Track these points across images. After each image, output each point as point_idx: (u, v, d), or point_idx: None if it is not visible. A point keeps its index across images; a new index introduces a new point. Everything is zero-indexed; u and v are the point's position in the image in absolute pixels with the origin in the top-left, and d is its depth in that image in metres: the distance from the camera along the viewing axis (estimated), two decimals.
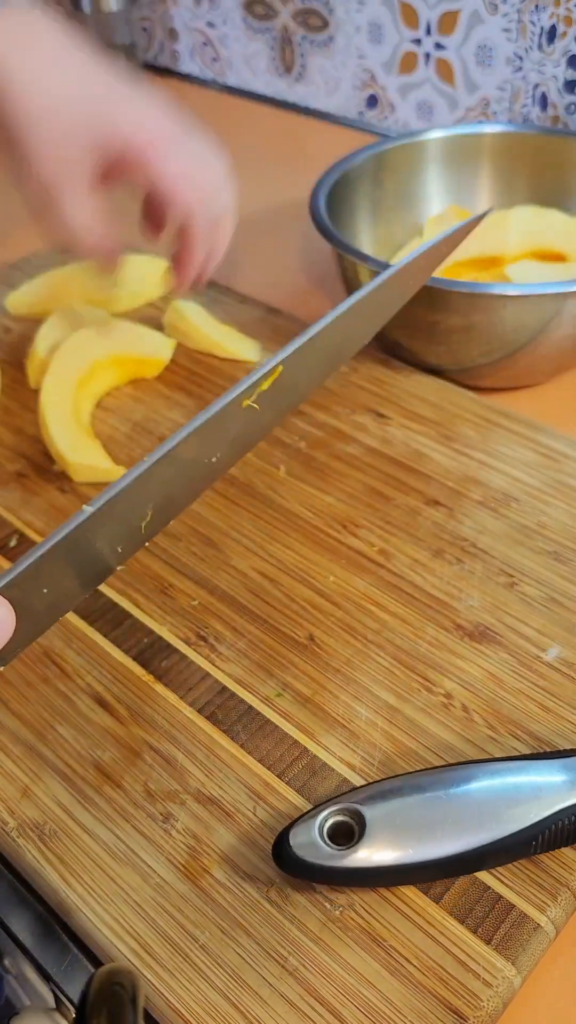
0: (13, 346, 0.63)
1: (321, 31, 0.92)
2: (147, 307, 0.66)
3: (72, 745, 0.40)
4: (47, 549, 0.31)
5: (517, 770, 0.34)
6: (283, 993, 0.32)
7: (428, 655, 0.43)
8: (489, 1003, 0.32)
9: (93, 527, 0.32)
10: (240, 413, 0.36)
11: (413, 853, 0.33)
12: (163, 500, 0.36)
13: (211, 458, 0.37)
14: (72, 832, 0.37)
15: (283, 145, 0.94)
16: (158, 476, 0.34)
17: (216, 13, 1.01)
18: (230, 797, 0.38)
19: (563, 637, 0.43)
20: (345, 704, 0.41)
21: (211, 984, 0.33)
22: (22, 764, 0.39)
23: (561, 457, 0.52)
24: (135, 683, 0.42)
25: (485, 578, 0.46)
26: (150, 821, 0.37)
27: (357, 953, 0.33)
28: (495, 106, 0.84)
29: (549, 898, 0.34)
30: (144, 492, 0.34)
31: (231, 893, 0.35)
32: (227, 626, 0.44)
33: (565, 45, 0.75)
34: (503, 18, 0.79)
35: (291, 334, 0.62)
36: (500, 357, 0.55)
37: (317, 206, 0.59)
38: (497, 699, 0.41)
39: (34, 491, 0.52)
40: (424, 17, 0.84)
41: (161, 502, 0.36)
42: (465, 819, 0.33)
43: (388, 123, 0.93)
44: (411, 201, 0.69)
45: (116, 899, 0.35)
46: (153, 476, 0.34)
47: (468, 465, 0.52)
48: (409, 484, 0.51)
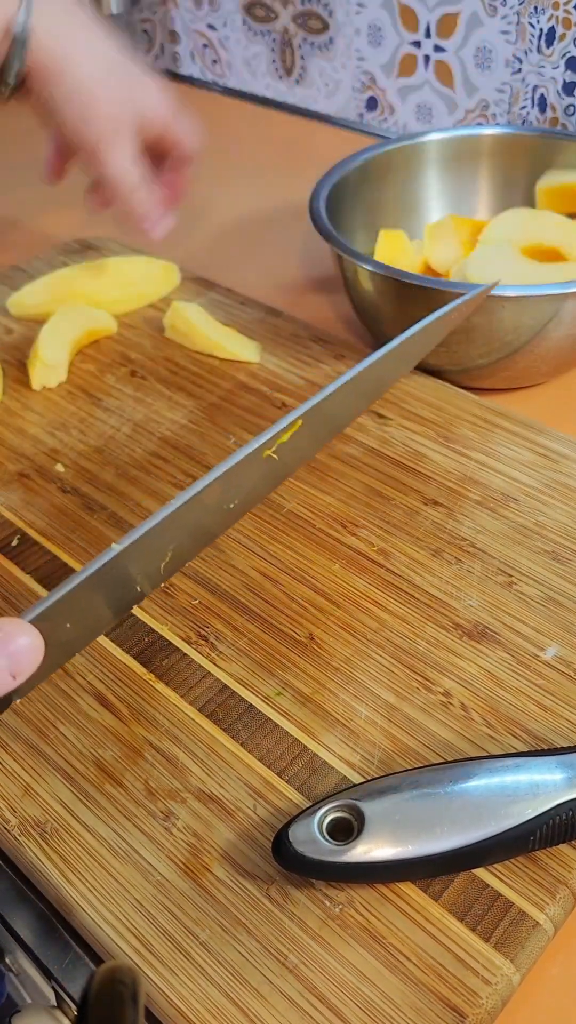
0: (14, 347, 0.64)
1: (321, 33, 0.93)
2: (148, 307, 0.67)
3: (73, 743, 0.40)
4: (78, 583, 0.32)
5: (515, 767, 0.34)
6: (283, 990, 0.32)
7: (427, 654, 0.43)
8: (488, 1000, 0.32)
9: (119, 564, 0.33)
10: (260, 463, 0.38)
11: (412, 849, 0.33)
12: (182, 542, 0.37)
13: (229, 504, 0.39)
14: (73, 830, 0.37)
15: (283, 147, 0.94)
16: (180, 519, 0.35)
17: (216, 16, 1.01)
18: (230, 795, 0.38)
19: (561, 636, 0.43)
20: (345, 703, 0.41)
21: (211, 981, 0.33)
22: (23, 762, 0.39)
23: (560, 457, 0.52)
24: (136, 682, 0.42)
25: (484, 578, 0.46)
26: (151, 819, 0.37)
27: (357, 950, 0.33)
28: (494, 108, 0.84)
29: (548, 896, 0.34)
30: (167, 533, 0.35)
31: (231, 891, 0.35)
32: (227, 625, 0.44)
33: (564, 47, 0.75)
34: (502, 20, 0.79)
35: (291, 335, 0.63)
36: (499, 358, 0.55)
37: (317, 208, 0.60)
38: (496, 698, 0.41)
39: (36, 491, 0.53)
40: (423, 19, 0.84)
41: (180, 544, 0.37)
42: (463, 815, 0.33)
43: (388, 125, 0.93)
44: (411, 203, 0.69)
45: (117, 897, 0.35)
46: (176, 519, 0.35)
47: (467, 465, 0.52)
48: (408, 484, 0.51)
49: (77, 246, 0.74)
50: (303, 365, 0.60)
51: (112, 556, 0.33)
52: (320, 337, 0.63)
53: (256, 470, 0.38)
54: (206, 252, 0.77)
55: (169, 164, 0.61)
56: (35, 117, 0.57)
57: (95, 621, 0.36)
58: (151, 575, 0.38)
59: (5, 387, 0.60)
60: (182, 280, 0.69)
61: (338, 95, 0.96)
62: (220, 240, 0.79)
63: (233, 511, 0.40)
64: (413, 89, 0.89)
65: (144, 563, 0.36)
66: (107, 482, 0.53)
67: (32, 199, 0.85)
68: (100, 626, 0.38)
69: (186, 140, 0.60)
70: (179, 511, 0.35)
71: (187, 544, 0.39)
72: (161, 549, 0.36)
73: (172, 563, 0.38)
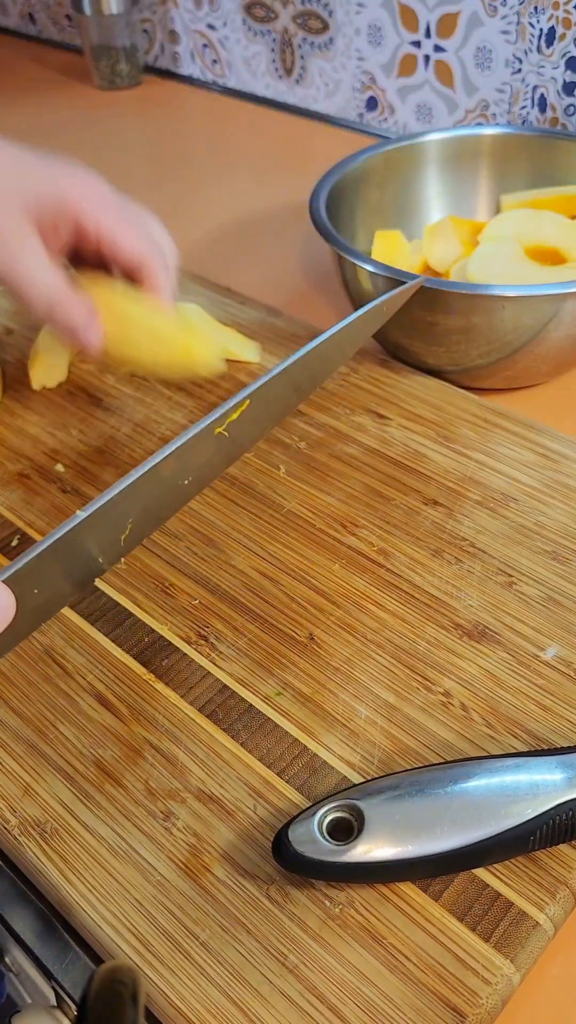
0: (15, 347, 0.64)
1: (321, 33, 0.93)
2: None
3: (73, 743, 0.40)
4: (43, 549, 0.34)
5: (515, 767, 0.34)
6: (283, 990, 0.32)
7: (427, 654, 0.43)
8: (488, 1000, 0.32)
9: (83, 532, 0.35)
10: (212, 439, 0.40)
11: (412, 849, 0.33)
12: (141, 515, 0.39)
13: (184, 480, 0.41)
14: (73, 830, 0.37)
15: (283, 147, 0.94)
16: (139, 491, 0.37)
17: (216, 15, 1.01)
18: (230, 795, 0.38)
19: (561, 636, 0.43)
20: (345, 703, 0.41)
21: (211, 981, 0.33)
22: (23, 762, 0.39)
23: (560, 457, 0.52)
24: (136, 682, 0.42)
25: (484, 578, 0.46)
26: (151, 819, 0.37)
27: (356, 950, 0.33)
28: (494, 108, 0.84)
29: (548, 896, 0.34)
30: (127, 504, 0.37)
31: (231, 891, 0.35)
32: (227, 625, 0.44)
33: (564, 47, 0.76)
34: (502, 20, 0.79)
35: (291, 335, 0.63)
36: (499, 358, 0.55)
37: (317, 208, 0.60)
38: (496, 698, 0.41)
39: (36, 491, 0.53)
40: (423, 19, 0.84)
41: (139, 517, 0.39)
42: (463, 815, 0.33)
43: (388, 125, 0.93)
44: (411, 203, 0.69)
45: (117, 897, 0.35)
46: (136, 490, 0.37)
47: (467, 465, 0.52)
48: (408, 484, 0.51)
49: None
50: None
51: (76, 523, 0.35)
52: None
53: (208, 446, 0.41)
54: (206, 252, 0.77)
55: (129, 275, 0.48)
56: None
57: (59, 590, 0.38)
58: (113, 546, 0.39)
59: (5, 387, 0.60)
60: (182, 280, 0.69)
61: (338, 95, 0.96)
62: (220, 240, 0.79)
63: (188, 487, 0.42)
64: (413, 89, 0.89)
65: (106, 533, 0.38)
66: (107, 482, 0.53)
67: None
68: (63, 597, 0.39)
69: (121, 235, 0.46)
70: (138, 482, 0.37)
71: (146, 517, 0.41)
72: (122, 520, 0.38)
73: (132, 536, 0.40)
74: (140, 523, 0.40)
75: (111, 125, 1.02)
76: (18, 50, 1.24)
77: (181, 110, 1.05)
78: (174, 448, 0.38)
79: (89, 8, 1.04)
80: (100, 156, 0.94)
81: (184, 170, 0.92)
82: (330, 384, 0.58)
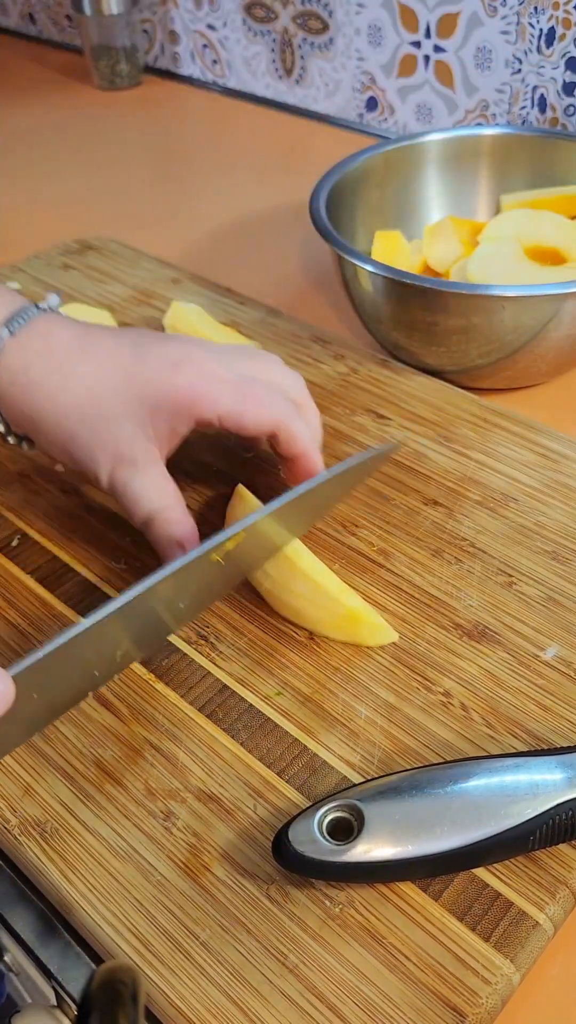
0: None
1: (321, 34, 0.93)
2: (148, 307, 0.67)
3: (73, 743, 0.40)
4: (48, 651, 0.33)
5: (515, 767, 0.34)
6: (283, 990, 0.33)
7: (427, 654, 0.43)
8: (488, 1000, 0.32)
9: (84, 643, 0.35)
10: (208, 566, 0.39)
11: (411, 848, 0.33)
12: (138, 634, 0.40)
13: (180, 603, 0.41)
14: (73, 830, 0.37)
15: (283, 147, 0.94)
16: (138, 609, 0.37)
17: (216, 15, 1.01)
18: (230, 795, 0.38)
19: (561, 636, 0.43)
20: (344, 703, 0.41)
21: (211, 981, 0.33)
22: (24, 762, 0.39)
23: (560, 458, 0.52)
24: (136, 682, 0.42)
25: (484, 577, 0.46)
26: (151, 819, 0.37)
27: (356, 950, 0.33)
28: (494, 108, 0.84)
29: (548, 896, 0.34)
30: (127, 621, 0.37)
31: (231, 890, 0.35)
32: (227, 625, 0.44)
33: (564, 47, 0.76)
34: (502, 20, 0.79)
35: (291, 335, 0.63)
36: (499, 358, 0.56)
37: (317, 208, 0.60)
38: (496, 698, 0.41)
39: (36, 491, 0.53)
40: (423, 19, 0.84)
41: (137, 636, 0.40)
42: (463, 815, 0.33)
43: (388, 125, 0.93)
44: (411, 203, 0.69)
45: (117, 896, 0.35)
46: (135, 608, 0.36)
47: (467, 465, 0.52)
48: (408, 484, 0.51)
49: (77, 246, 0.74)
50: (303, 365, 0.60)
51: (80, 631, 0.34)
52: (320, 337, 0.63)
53: (204, 572, 0.40)
54: (206, 252, 0.77)
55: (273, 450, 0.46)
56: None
57: (55, 700, 0.39)
58: (109, 663, 0.40)
59: None
60: (182, 280, 0.69)
61: (338, 95, 0.96)
62: (220, 240, 0.79)
63: (183, 612, 0.43)
64: (413, 89, 0.89)
65: (104, 648, 0.38)
66: None
67: (32, 199, 0.85)
68: (59, 709, 0.40)
69: (244, 422, 0.43)
70: (138, 599, 0.36)
71: (143, 636, 0.41)
72: (120, 638, 0.39)
73: (127, 655, 0.41)
74: (137, 642, 0.41)
75: (111, 125, 1.02)
76: (18, 50, 1.24)
77: (181, 110, 1.05)
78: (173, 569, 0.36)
79: (89, 8, 1.04)
80: (100, 156, 0.94)
81: (184, 170, 0.93)
82: (330, 384, 0.58)
